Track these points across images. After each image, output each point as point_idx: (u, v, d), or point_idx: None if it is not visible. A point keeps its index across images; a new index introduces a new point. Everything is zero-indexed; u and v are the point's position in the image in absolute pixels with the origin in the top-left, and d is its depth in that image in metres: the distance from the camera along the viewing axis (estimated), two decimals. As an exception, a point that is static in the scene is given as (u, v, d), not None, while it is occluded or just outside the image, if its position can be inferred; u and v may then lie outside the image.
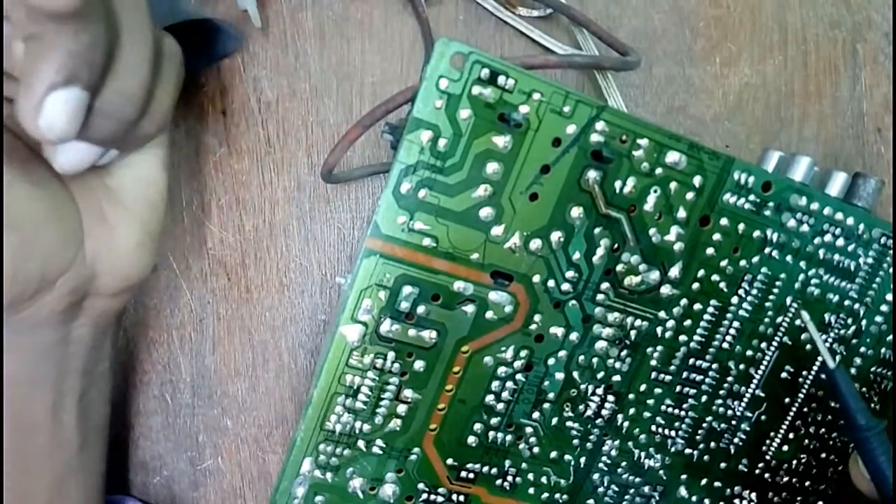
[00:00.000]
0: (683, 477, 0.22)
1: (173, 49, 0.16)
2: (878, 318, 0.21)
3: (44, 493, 0.19)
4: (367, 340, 0.18)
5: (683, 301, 0.19)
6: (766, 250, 0.19)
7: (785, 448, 0.22)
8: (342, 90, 0.23)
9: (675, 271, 0.19)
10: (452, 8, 0.23)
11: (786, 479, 0.22)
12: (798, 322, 0.20)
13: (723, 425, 0.21)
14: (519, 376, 0.19)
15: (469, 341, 0.19)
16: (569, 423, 0.20)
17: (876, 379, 0.22)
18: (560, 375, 0.19)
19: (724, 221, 0.19)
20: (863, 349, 0.21)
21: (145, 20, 0.14)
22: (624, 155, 0.18)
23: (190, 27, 0.20)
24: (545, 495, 0.21)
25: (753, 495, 0.22)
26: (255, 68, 0.23)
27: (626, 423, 0.20)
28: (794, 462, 0.22)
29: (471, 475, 0.20)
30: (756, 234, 0.19)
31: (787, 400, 0.21)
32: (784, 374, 0.21)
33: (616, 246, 0.19)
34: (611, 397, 0.20)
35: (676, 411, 0.21)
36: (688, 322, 0.20)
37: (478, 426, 0.20)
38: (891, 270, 0.21)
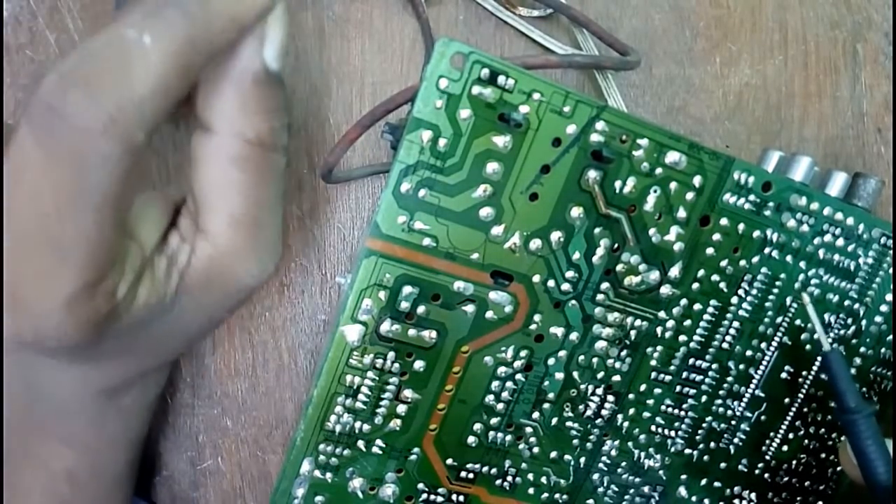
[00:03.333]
0: (683, 477, 0.22)
1: None
2: (878, 318, 0.21)
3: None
4: (367, 340, 0.18)
5: (683, 301, 0.19)
6: (766, 250, 0.19)
7: (785, 448, 0.22)
8: (342, 90, 0.23)
9: (675, 271, 0.19)
10: (452, 8, 0.23)
11: (786, 479, 0.22)
12: (797, 322, 0.21)
13: (723, 425, 0.21)
14: (519, 376, 0.19)
15: (469, 341, 0.19)
16: (569, 423, 0.20)
17: (876, 379, 0.22)
18: (560, 375, 0.19)
19: (724, 221, 0.19)
20: (863, 349, 0.21)
21: None
22: (624, 155, 0.18)
23: None
24: (545, 495, 0.21)
25: (753, 495, 0.22)
26: (255, 68, 0.23)
27: (625, 423, 0.20)
28: (794, 462, 0.22)
29: (471, 475, 0.20)
30: (756, 234, 0.19)
31: (786, 400, 0.21)
32: (784, 375, 0.21)
33: (616, 246, 0.19)
34: (611, 397, 0.20)
35: (676, 411, 0.21)
36: (688, 322, 0.20)
37: (478, 426, 0.20)
38: (891, 270, 0.21)
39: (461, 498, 0.20)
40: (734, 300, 0.20)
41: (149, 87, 0.13)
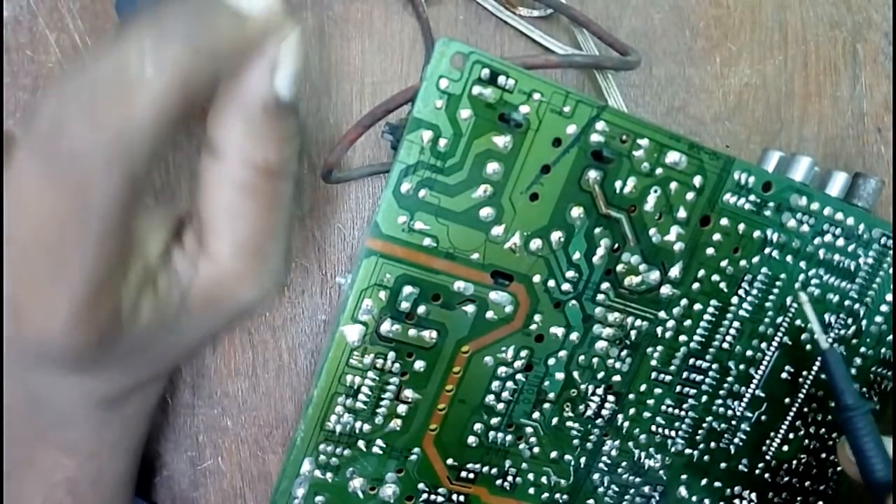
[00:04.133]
0: (683, 477, 0.22)
1: None
2: (878, 318, 0.21)
3: None
4: (367, 340, 0.18)
5: (683, 301, 0.19)
6: (767, 250, 0.19)
7: (785, 448, 0.22)
8: (342, 90, 0.23)
9: (675, 271, 0.19)
10: (452, 8, 0.23)
11: (786, 479, 0.22)
12: (797, 322, 0.21)
13: (723, 425, 0.21)
14: (519, 376, 0.19)
15: (469, 341, 0.19)
16: (569, 423, 0.20)
17: (876, 379, 0.22)
18: (560, 375, 0.19)
19: (724, 221, 0.19)
20: (863, 349, 0.21)
21: None
22: (624, 155, 0.18)
23: None
24: (545, 495, 0.21)
25: (753, 495, 0.22)
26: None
27: (626, 423, 0.20)
28: (794, 462, 0.22)
29: (471, 475, 0.20)
30: (756, 234, 0.19)
31: (787, 400, 0.21)
32: (784, 374, 0.21)
33: (616, 246, 0.19)
34: (611, 397, 0.20)
35: (676, 411, 0.21)
36: (688, 322, 0.20)
37: (478, 426, 0.20)
38: (891, 270, 0.21)
39: (461, 498, 0.20)
40: (734, 300, 0.20)
41: (150, 117, 0.12)
